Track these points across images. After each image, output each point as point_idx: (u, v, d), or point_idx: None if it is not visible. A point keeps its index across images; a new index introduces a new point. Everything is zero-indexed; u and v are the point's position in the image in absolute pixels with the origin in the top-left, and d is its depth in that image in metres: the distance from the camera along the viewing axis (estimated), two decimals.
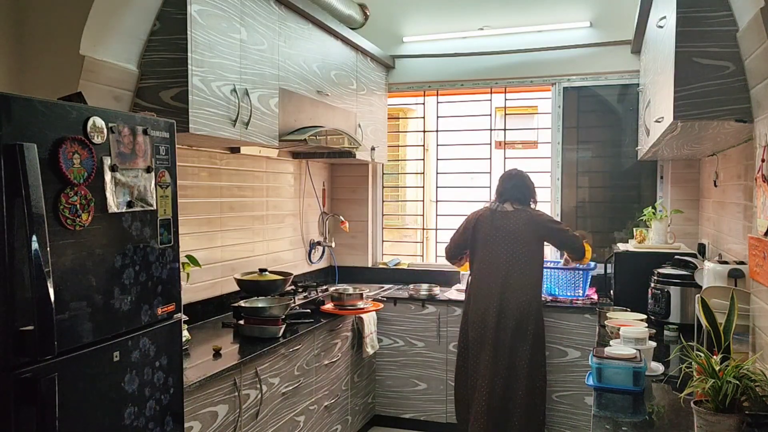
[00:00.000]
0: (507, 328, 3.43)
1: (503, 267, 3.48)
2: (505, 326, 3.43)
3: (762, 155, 1.97)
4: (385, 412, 4.23)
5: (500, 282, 3.46)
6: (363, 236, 4.79)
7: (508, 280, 3.46)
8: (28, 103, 1.55)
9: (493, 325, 3.44)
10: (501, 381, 3.42)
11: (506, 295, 3.44)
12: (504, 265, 3.48)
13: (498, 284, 3.46)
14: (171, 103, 2.50)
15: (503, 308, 3.44)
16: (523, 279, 3.46)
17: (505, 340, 3.43)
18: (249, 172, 3.66)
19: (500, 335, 3.43)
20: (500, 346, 3.43)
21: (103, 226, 1.78)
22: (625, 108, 4.29)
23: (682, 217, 3.97)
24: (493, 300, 3.45)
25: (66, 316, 1.66)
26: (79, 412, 1.69)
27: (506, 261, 3.48)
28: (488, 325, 3.45)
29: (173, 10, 2.50)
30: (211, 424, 2.40)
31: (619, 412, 2.00)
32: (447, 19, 4.55)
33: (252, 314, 2.94)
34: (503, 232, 3.51)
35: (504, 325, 3.43)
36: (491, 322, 3.44)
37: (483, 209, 3.67)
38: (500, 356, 3.42)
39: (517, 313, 3.42)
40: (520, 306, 3.42)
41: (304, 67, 3.44)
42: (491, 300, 3.46)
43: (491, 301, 3.45)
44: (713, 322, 1.84)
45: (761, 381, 1.62)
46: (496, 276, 3.48)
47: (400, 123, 5.15)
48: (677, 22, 2.15)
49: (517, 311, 3.42)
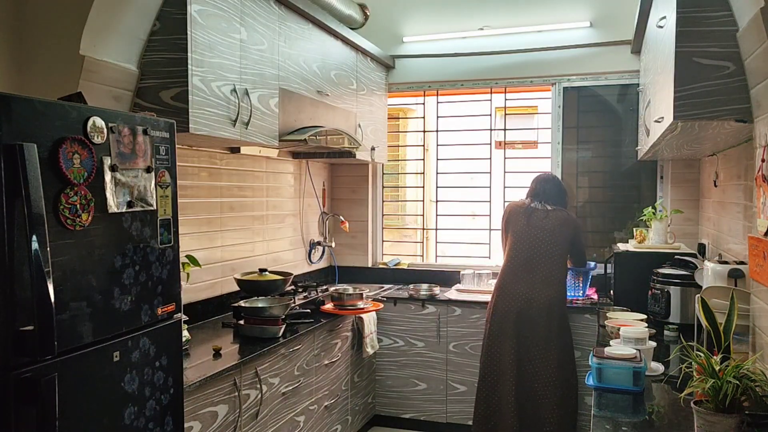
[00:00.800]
0: (532, 322, 3.49)
1: (534, 263, 3.55)
2: (530, 320, 3.49)
3: (762, 155, 1.97)
4: (385, 412, 4.23)
5: (530, 278, 3.53)
6: (363, 236, 4.79)
7: (536, 276, 3.53)
8: (28, 103, 1.55)
9: (517, 320, 3.50)
10: (528, 376, 3.48)
11: (534, 291, 3.51)
12: (536, 261, 3.55)
13: (527, 280, 3.53)
14: (171, 103, 2.50)
15: (530, 304, 3.50)
16: (550, 276, 3.53)
17: (529, 335, 3.49)
18: (249, 172, 3.66)
19: (524, 330, 3.49)
20: (524, 340, 3.49)
21: (103, 226, 1.78)
22: (625, 108, 4.29)
23: (682, 217, 3.97)
24: (520, 295, 3.52)
25: (66, 316, 1.66)
26: (79, 412, 1.69)
27: (538, 257, 3.56)
28: (512, 319, 3.51)
29: (173, 10, 2.50)
30: (211, 424, 2.40)
31: (619, 412, 2.00)
32: (447, 19, 4.55)
33: (252, 314, 2.94)
34: (538, 230, 3.60)
35: (529, 319, 3.49)
36: (515, 317, 3.51)
37: (519, 203, 3.75)
38: (525, 350, 3.49)
39: (544, 309, 3.48)
40: (546, 302, 3.49)
41: (304, 67, 3.44)
42: (519, 295, 3.53)
43: (519, 296, 3.52)
44: (713, 322, 1.84)
45: (761, 381, 1.62)
46: (526, 271, 3.55)
47: (400, 123, 5.14)
48: (677, 22, 2.15)
49: (544, 307, 3.48)
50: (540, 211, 3.65)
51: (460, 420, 4.02)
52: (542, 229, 3.59)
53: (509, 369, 3.49)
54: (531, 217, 3.64)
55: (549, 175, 3.85)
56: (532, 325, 3.49)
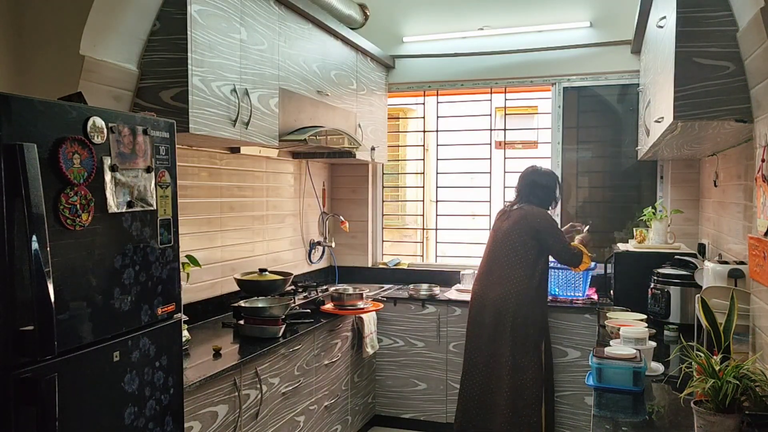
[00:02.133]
0: (481, 323, 3.51)
1: (491, 264, 3.56)
2: (480, 321, 3.52)
3: (762, 155, 1.97)
4: (385, 412, 4.23)
5: (486, 279, 3.55)
6: (363, 236, 4.79)
7: (491, 277, 3.53)
8: (28, 103, 1.55)
9: (472, 320, 3.57)
10: (479, 382, 3.52)
11: (486, 290, 3.54)
12: (492, 262, 3.56)
13: (484, 281, 3.56)
14: (171, 103, 2.50)
15: (482, 303, 3.53)
16: (504, 276, 3.48)
17: (478, 335, 3.53)
18: (249, 172, 3.66)
19: (475, 330, 3.55)
20: (476, 340, 3.54)
21: (103, 226, 1.78)
22: (625, 108, 4.29)
23: (682, 217, 3.97)
24: (476, 295, 3.58)
25: (66, 316, 1.66)
26: (79, 412, 1.69)
27: (494, 259, 3.56)
28: (476, 323, 3.56)
29: (173, 10, 2.50)
30: (211, 424, 2.40)
31: (619, 412, 2.00)
32: (447, 19, 4.55)
33: (252, 314, 2.94)
34: (497, 232, 3.62)
35: (480, 320, 3.52)
36: (472, 317, 3.59)
37: (506, 210, 3.70)
38: (477, 351, 3.54)
39: (493, 309, 3.47)
40: (495, 301, 3.47)
41: (304, 67, 3.44)
42: (475, 295, 3.59)
43: (475, 297, 3.58)
44: (713, 322, 1.84)
45: (761, 381, 1.62)
46: (485, 273, 3.58)
47: (400, 123, 5.14)
48: (677, 22, 2.15)
49: (493, 306, 3.47)
50: (506, 212, 3.65)
51: None
52: (499, 230, 3.59)
53: (473, 369, 3.55)
54: (498, 219, 3.68)
55: (526, 171, 3.71)
56: (480, 326, 3.52)
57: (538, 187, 3.61)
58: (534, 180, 3.63)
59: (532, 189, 3.62)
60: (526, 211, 3.53)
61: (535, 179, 3.63)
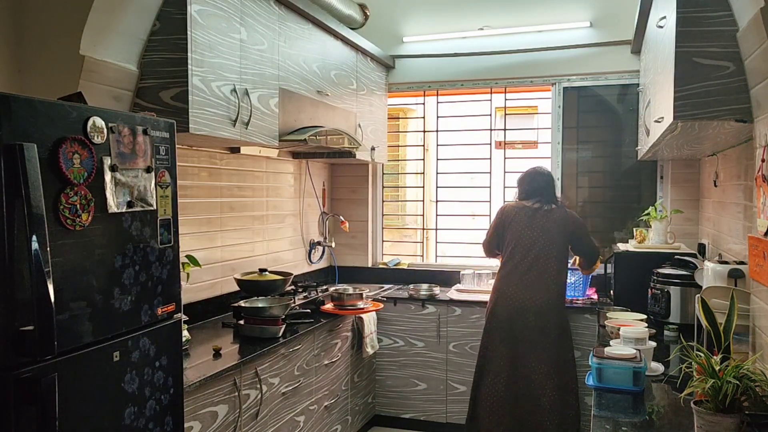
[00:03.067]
0: (526, 325, 3.45)
1: (531, 265, 3.49)
2: (525, 324, 3.45)
3: (762, 155, 1.97)
4: (385, 412, 4.23)
5: (526, 280, 3.48)
6: (363, 236, 4.79)
7: (531, 278, 3.48)
8: (28, 103, 1.55)
9: (511, 323, 3.47)
10: (523, 379, 3.44)
11: (528, 293, 3.47)
12: (533, 263, 3.49)
13: (523, 282, 3.48)
14: (171, 103, 2.50)
15: (525, 306, 3.46)
16: (545, 278, 3.48)
17: (523, 338, 3.45)
18: (249, 172, 3.66)
19: (518, 333, 3.46)
20: (518, 344, 3.45)
21: (103, 226, 1.78)
22: (625, 108, 4.29)
23: (682, 217, 3.97)
24: (515, 298, 3.48)
25: (66, 316, 1.66)
26: (79, 412, 1.69)
27: (535, 259, 3.49)
28: (507, 322, 3.48)
29: (173, 10, 2.50)
30: (211, 424, 2.40)
31: (619, 412, 2.00)
32: (447, 19, 4.55)
33: (252, 314, 2.94)
34: (538, 231, 3.53)
35: (523, 323, 3.45)
36: (510, 320, 3.47)
37: (517, 204, 3.65)
38: (519, 354, 3.45)
39: (538, 313, 3.44)
40: (540, 305, 3.44)
41: (304, 67, 3.44)
42: (514, 297, 3.48)
43: (514, 299, 3.48)
44: (713, 322, 1.84)
45: (761, 381, 1.62)
46: (523, 273, 3.50)
47: (400, 123, 5.15)
48: (677, 22, 2.15)
49: (538, 310, 3.44)
50: (542, 211, 3.57)
51: (460, 420, 4.02)
52: (542, 229, 3.52)
53: (503, 371, 3.47)
54: (533, 217, 3.56)
55: (543, 170, 3.72)
56: (525, 328, 3.45)
57: (555, 187, 3.72)
58: (551, 181, 3.70)
59: (553, 189, 3.68)
60: (567, 213, 3.60)
61: (550, 180, 3.70)
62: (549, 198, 3.62)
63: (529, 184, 3.67)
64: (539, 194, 3.62)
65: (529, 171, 3.74)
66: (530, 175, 3.71)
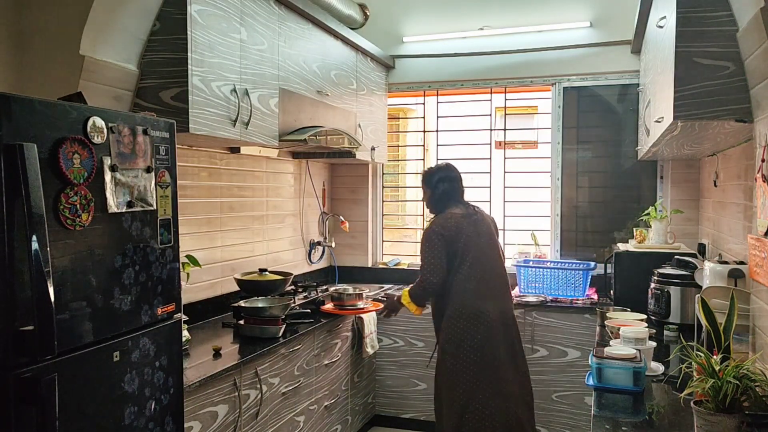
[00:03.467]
0: (513, 334, 3.15)
1: (487, 275, 3.10)
2: (512, 332, 3.14)
3: (762, 155, 1.97)
4: (385, 412, 4.23)
5: (496, 290, 3.12)
6: (363, 236, 4.79)
7: (500, 286, 3.15)
8: (28, 103, 1.55)
9: (505, 331, 3.10)
10: (526, 394, 3.16)
11: (505, 303, 3.16)
12: (488, 274, 3.11)
13: (495, 294, 3.11)
14: (171, 103, 2.50)
15: (508, 317, 3.14)
16: (502, 282, 3.17)
17: (514, 345, 3.14)
18: (249, 172, 3.66)
19: (512, 340, 3.14)
20: (514, 353, 3.13)
21: (103, 226, 1.78)
22: (625, 108, 4.29)
23: (682, 217, 3.97)
24: (496, 315, 3.07)
25: (66, 316, 1.66)
26: (79, 412, 1.69)
27: (489, 269, 3.12)
28: (498, 344, 3.06)
29: (173, 10, 2.50)
30: (211, 424, 2.40)
31: (619, 412, 2.00)
32: (447, 19, 4.55)
33: (252, 314, 2.94)
34: (483, 239, 3.15)
35: (511, 331, 3.15)
36: (505, 335, 3.10)
37: (456, 214, 3.15)
38: (519, 371, 3.15)
39: (512, 323, 3.17)
40: (511, 315, 3.17)
41: (304, 67, 3.44)
42: (495, 316, 3.07)
43: (495, 319, 3.06)
44: (713, 322, 1.84)
45: (761, 381, 1.62)
46: (496, 286, 3.12)
47: (400, 123, 5.15)
48: (677, 22, 2.15)
49: (512, 322, 3.17)
50: (479, 215, 3.21)
51: None
52: (480, 235, 3.13)
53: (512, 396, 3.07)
54: (477, 226, 3.15)
55: (451, 167, 3.34)
56: (514, 336, 3.15)
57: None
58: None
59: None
60: (485, 212, 3.31)
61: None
62: (463, 198, 3.30)
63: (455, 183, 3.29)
64: (461, 196, 3.29)
65: (442, 171, 3.32)
66: (450, 172, 3.32)
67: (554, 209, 4.44)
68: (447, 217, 3.15)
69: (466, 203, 3.28)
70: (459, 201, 3.26)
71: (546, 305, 3.87)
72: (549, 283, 4.04)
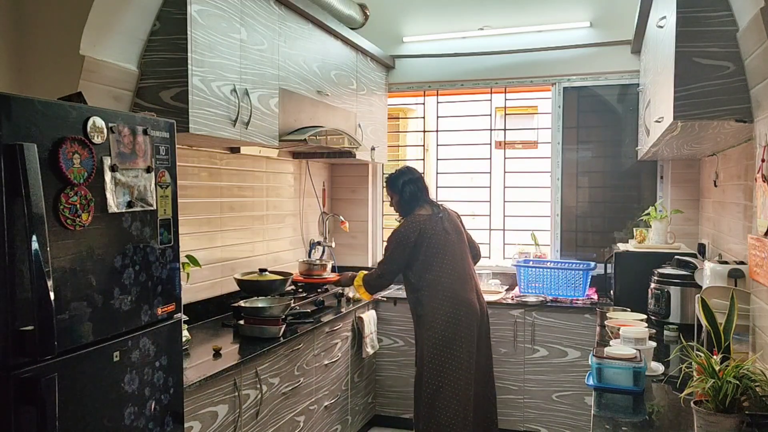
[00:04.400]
0: (485, 329, 3.39)
1: (460, 269, 3.28)
2: (484, 328, 3.39)
3: (762, 155, 1.97)
4: (385, 412, 4.22)
5: (467, 286, 3.28)
6: (363, 236, 4.79)
7: (473, 283, 3.34)
8: (28, 103, 1.55)
9: (479, 330, 3.32)
10: (486, 389, 3.41)
11: (479, 298, 3.37)
12: (460, 268, 3.29)
13: (470, 289, 3.29)
14: (171, 103, 2.50)
15: (482, 313, 3.35)
16: (472, 275, 3.37)
17: (484, 342, 3.39)
18: (249, 172, 3.66)
19: (483, 337, 3.37)
20: (483, 348, 3.37)
21: (103, 226, 1.78)
22: (625, 108, 4.29)
23: (682, 217, 3.97)
24: (474, 308, 3.27)
25: (66, 316, 1.66)
26: (79, 412, 1.69)
27: (461, 263, 3.30)
28: (474, 329, 3.26)
29: (173, 10, 2.50)
30: (211, 424, 2.40)
31: (619, 412, 2.00)
32: (447, 19, 4.55)
33: (252, 314, 2.94)
34: (450, 236, 3.30)
35: (484, 328, 3.38)
36: (477, 328, 3.29)
37: (424, 216, 3.28)
38: (482, 359, 3.38)
39: (483, 314, 3.39)
40: (483, 307, 3.39)
41: (304, 67, 3.44)
42: (474, 308, 3.27)
43: (474, 310, 3.27)
44: (713, 322, 1.84)
45: (761, 381, 1.62)
46: (468, 281, 3.30)
47: (400, 123, 5.15)
48: (677, 22, 2.15)
49: (483, 313, 3.39)
50: (446, 214, 3.36)
51: None
52: (445, 232, 3.29)
53: (473, 377, 3.28)
54: (445, 225, 3.30)
55: (412, 170, 3.44)
56: (485, 332, 3.38)
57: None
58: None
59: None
60: (449, 209, 3.45)
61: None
62: (428, 197, 3.40)
63: (420, 184, 3.38)
64: (427, 194, 3.39)
65: (405, 174, 3.40)
66: (414, 174, 3.41)
67: (554, 209, 4.44)
68: (416, 220, 3.30)
69: (431, 201, 3.43)
70: (425, 200, 3.39)
71: (546, 305, 3.87)
72: (549, 283, 4.04)
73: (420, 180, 3.42)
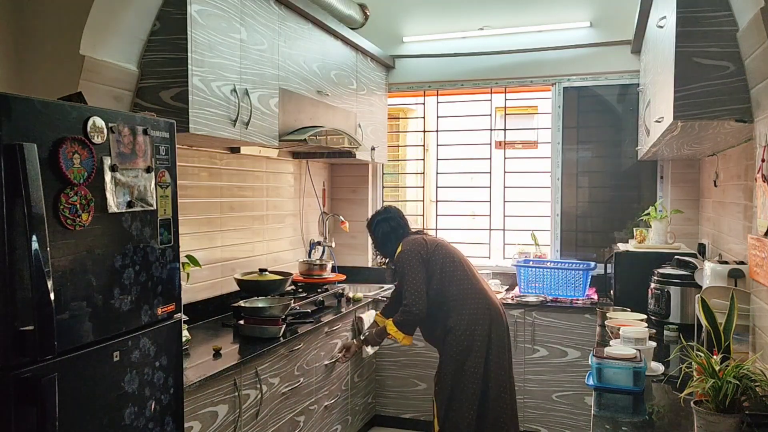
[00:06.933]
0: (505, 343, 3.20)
1: (478, 280, 3.19)
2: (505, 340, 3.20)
3: (762, 155, 1.97)
4: (385, 412, 4.23)
5: (491, 300, 3.15)
6: (363, 236, 4.78)
7: (483, 285, 3.21)
8: (28, 103, 1.55)
9: (504, 341, 3.16)
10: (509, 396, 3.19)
11: (498, 304, 3.21)
12: (478, 279, 3.20)
13: (492, 302, 3.15)
14: (171, 103, 2.50)
15: (503, 316, 3.20)
16: (487, 287, 3.24)
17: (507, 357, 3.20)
18: (249, 172, 3.66)
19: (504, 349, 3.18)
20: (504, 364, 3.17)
21: (103, 226, 1.78)
22: (625, 108, 4.29)
23: (682, 217, 3.97)
24: (499, 312, 3.16)
25: (66, 316, 1.66)
26: (79, 412, 1.69)
27: (476, 275, 3.22)
28: (503, 340, 3.16)
29: (173, 10, 2.50)
30: (211, 424, 2.40)
31: (619, 412, 2.00)
32: (447, 19, 4.55)
33: (252, 314, 2.94)
34: (457, 254, 3.23)
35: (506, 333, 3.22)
36: (504, 337, 3.17)
37: (414, 235, 3.24)
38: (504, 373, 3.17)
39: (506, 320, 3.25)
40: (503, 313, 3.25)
41: (304, 67, 3.44)
42: (499, 312, 3.16)
43: (500, 314, 3.16)
44: (713, 322, 1.84)
45: (761, 381, 1.62)
46: (483, 289, 3.17)
47: (400, 123, 5.15)
48: (677, 22, 2.15)
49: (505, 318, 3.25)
50: (434, 240, 3.26)
51: None
52: (453, 250, 3.24)
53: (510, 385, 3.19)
54: (441, 246, 3.21)
55: (389, 209, 3.38)
56: (504, 343, 3.18)
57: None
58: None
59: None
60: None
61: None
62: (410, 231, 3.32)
63: (403, 221, 3.32)
64: (408, 229, 3.31)
65: (386, 214, 3.32)
66: (398, 212, 3.36)
67: (554, 209, 4.44)
68: (410, 239, 3.18)
69: (416, 231, 3.34)
70: (407, 234, 3.26)
71: (546, 305, 3.87)
72: (549, 283, 4.04)
73: (395, 218, 3.30)
